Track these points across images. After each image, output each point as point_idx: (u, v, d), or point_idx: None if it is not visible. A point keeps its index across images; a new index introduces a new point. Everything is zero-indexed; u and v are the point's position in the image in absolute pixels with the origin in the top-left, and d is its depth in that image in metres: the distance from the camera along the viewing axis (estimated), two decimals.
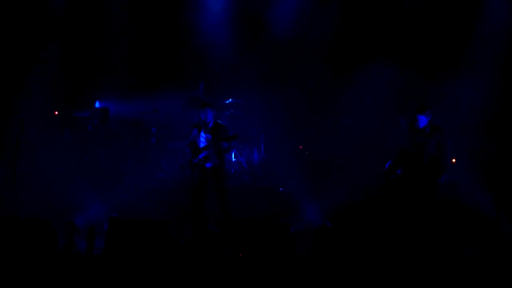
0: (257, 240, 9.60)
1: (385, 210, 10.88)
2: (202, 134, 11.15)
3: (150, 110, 14.09)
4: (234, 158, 13.78)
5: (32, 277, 8.87)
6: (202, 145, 11.14)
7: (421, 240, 10.02)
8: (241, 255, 9.50)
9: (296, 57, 14.39)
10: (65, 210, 11.75)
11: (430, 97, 12.87)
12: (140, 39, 14.45)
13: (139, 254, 9.44)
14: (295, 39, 14.31)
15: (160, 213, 12.09)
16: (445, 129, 10.59)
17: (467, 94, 13.20)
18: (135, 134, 14.34)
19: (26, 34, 13.79)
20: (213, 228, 9.83)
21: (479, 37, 13.51)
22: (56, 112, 14.08)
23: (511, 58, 13.35)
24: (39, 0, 13.89)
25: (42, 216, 10.21)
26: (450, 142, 10.71)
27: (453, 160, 12.56)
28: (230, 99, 14.09)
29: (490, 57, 13.37)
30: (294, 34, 14.28)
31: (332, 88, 14.18)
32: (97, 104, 14.58)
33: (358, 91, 13.83)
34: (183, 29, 14.41)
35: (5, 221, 9.68)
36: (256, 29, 14.39)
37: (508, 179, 11.94)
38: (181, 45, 14.48)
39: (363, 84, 13.76)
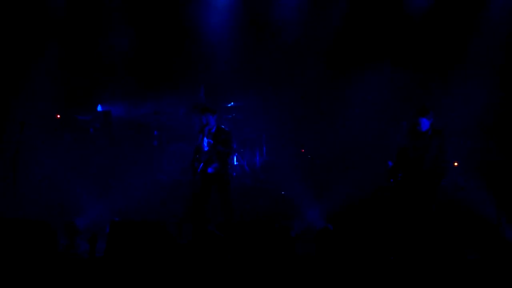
0: (258, 243, 9.61)
1: (387, 213, 10.87)
2: (205, 139, 11.19)
3: (150, 112, 14.13)
4: (236, 161, 13.79)
5: (31, 278, 8.87)
6: (205, 149, 11.17)
7: (421, 243, 10.01)
8: (241, 258, 9.52)
9: (298, 59, 14.37)
10: (66, 212, 11.78)
11: (430, 98, 12.89)
12: (141, 41, 14.45)
13: (140, 256, 9.45)
14: (296, 40, 14.30)
15: (161, 214, 12.10)
16: (446, 131, 10.56)
17: (468, 94, 13.19)
18: (137, 136, 14.35)
19: (27, 36, 13.79)
20: (214, 230, 9.84)
21: (480, 38, 13.51)
22: (58, 116, 14.09)
23: (510, 58, 13.35)
24: (39, 2, 13.90)
25: (43, 217, 10.24)
26: (450, 144, 10.69)
27: (455, 164, 12.56)
28: (232, 103, 14.09)
29: (491, 57, 13.36)
30: (296, 35, 14.27)
31: (334, 90, 14.16)
32: (99, 107, 14.59)
33: (360, 93, 13.82)
34: (185, 32, 14.40)
35: (5, 222, 9.68)
36: (257, 31, 14.38)
37: (508, 181, 11.93)
38: (182, 47, 14.47)
39: (364, 86, 13.75)
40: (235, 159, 13.72)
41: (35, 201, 12.01)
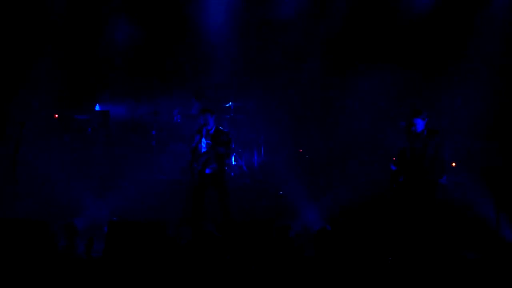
0: (256, 243, 9.59)
1: (387, 214, 10.86)
2: (203, 139, 11.18)
3: (150, 112, 14.11)
4: (234, 161, 13.78)
5: (30, 279, 8.85)
6: (203, 150, 11.16)
7: (421, 243, 10.00)
8: (240, 258, 9.50)
9: (297, 59, 14.37)
10: (65, 212, 11.75)
11: (430, 98, 12.88)
12: (141, 41, 14.45)
13: (139, 256, 9.42)
14: (296, 40, 14.29)
15: (160, 214, 12.07)
16: (442, 131, 10.58)
17: (468, 94, 13.20)
18: (135, 136, 14.34)
19: (27, 36, 13.79)
20: (213, 230, 9.83)
21: (480, 38, 13.51)
22: (56, 115, 14.08)
23: (510, 58, 13.34)
24: (39, 3, 13.89)
25: (42, 217, 10.21)
26: (450, 144, 10.70)
27: (453, 164, 12.56)
28: (230, 103, 14.07)
29: (491, 57, 13.36)
30: (296, 35, 14.27)
31: (332, 90, 14.17)
32: (97, 107, 14.58)
33: (359, 93, 13.81)
34: (185, 32, 14.41)
35: (5, 222, 9.66)
36: (257, 31, 14.40)
37: (508, 181, 11.91)
38: (181, 47, 14.48)
39: (364, 86, 13.74)
40: (233, 159, 13.71)
41: (35, 201, 11.99)
